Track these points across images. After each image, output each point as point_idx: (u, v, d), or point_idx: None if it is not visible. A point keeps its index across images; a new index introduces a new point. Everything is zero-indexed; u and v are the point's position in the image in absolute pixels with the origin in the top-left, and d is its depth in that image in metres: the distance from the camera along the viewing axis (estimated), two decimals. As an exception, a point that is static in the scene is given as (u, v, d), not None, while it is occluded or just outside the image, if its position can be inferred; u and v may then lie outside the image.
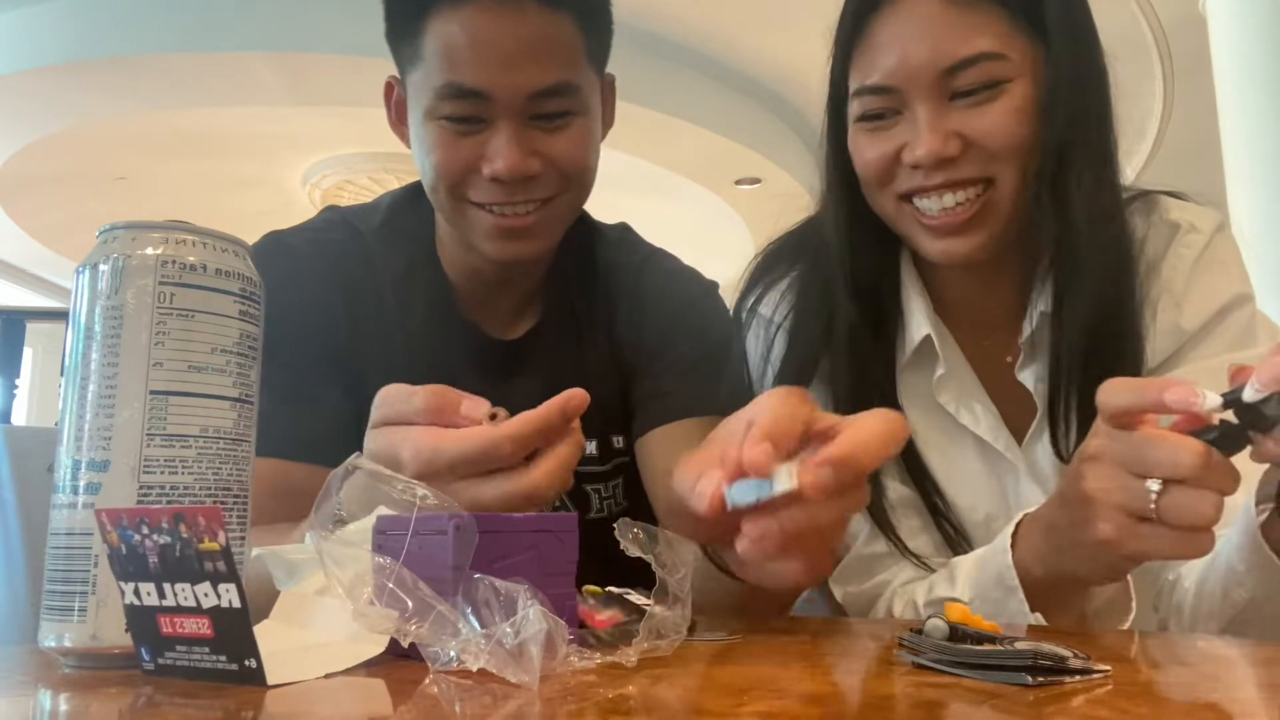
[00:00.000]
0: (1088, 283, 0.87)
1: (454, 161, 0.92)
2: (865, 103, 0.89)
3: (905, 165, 0.87)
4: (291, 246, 1.01)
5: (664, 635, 0.50)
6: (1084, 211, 0.86)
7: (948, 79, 0.85)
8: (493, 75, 0.89)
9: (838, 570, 0.95)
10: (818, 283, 0.97)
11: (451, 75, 0.90)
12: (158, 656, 0.44)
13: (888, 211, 0.92)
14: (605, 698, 0.41)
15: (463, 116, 0.91)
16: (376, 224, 1.04)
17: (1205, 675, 0.51)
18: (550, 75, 0.91)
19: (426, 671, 0.44)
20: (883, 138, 0.89)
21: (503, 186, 0.92)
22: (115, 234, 0.51)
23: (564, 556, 0.53)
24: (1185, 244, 0.92)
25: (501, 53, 0.89)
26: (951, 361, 0.95)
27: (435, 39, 0.90)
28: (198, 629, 0.43)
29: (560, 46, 0.91)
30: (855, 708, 0.41)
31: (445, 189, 0.94)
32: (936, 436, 0.95)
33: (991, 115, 0.85)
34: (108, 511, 0.44)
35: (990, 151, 0.86)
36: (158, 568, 0.43)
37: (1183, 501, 0.59)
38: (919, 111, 0.86)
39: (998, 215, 0.87)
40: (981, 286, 0.95)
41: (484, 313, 1.04)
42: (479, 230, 0.95)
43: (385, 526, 0.53)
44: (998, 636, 0.47)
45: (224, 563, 0.42)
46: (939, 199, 0.87)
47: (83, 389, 0.50)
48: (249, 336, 0.53)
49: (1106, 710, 0.40)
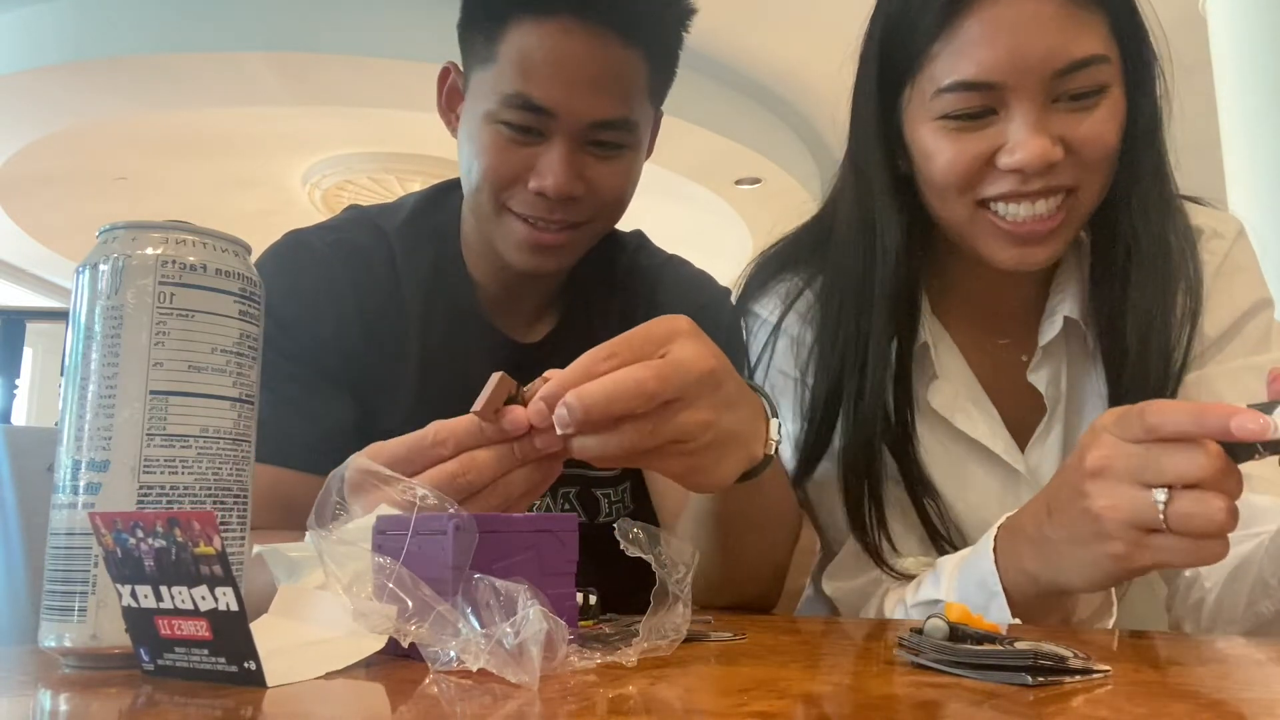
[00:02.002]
0: (1139, 291, 0.86)
1: (505, 168, 0.94)
2: (956, 100, 0.83)
3: (998, 168, 0.82)
4: (312, 247, 1.01)
5: (664, 635, 0.50)
6: (1146, 224, 0.86)
7: (1058, 80, 0.81)
8: (563, 96, 0.91)
9: (830, 566, 0.95)
10: (843, 293, 0.93)
11: (523, 86, 0.91)
12: (157, 658, 0.44)
13: (959, 217, 0.87)
14: (605, 698, 0.41)
15: (524, 126, 0.93)
16: (400, 222, 1.05)
17: (1205, 675, 0.51)
18: (616, 109, 0.93)
19: (426, 671, 0.44)
20: (974, 138, 0.83)
21: (545, 203, 0.94)
22: (115, 234, 0.51)
23: (564, 557, 0.53)
24: (1209, 250, 0.92)
25: (575, 76, 0.91)
26: (947, 365, 0.94)
27: (513, 46, 0.92)
28: (196, 631, 0.43)
29: (628, 81, 0.94)
30: (855, 708, 0.41)
31: (490, 192, 0.95)
32: (938, 437, 0.94)
33: (1093, 122, 0.82)
34: (101, 515, 0.44)
35: (1090, 159, 0.83)
36: (154, 571, 0.43)
37: (1193, 509, 0.57)
38: (1020, 112, 0.81)
39: (1076, 224, 0.86)
40: (1001, 286, 0.95)
41: (505, 314, 1.05)
42: (511, 239, 0.97)
43: (385, 526, 0.53)
44: (998, 636, 0.47)
45: (220, 566, 0.42)
46: (1030, 206, 0.83)
47: (83, 389, 0.50)
48: (249, 336, 0.53)
49: (1106, 710, 0.40)
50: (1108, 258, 0.89)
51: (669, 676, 0.46)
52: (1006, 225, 0.84)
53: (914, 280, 0.92)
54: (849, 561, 0.93)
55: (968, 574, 0.77)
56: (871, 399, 0.90)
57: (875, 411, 0.90)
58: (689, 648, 0.52)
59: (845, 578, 0.93)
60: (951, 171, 0.84)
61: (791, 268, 1.01)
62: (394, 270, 1.01)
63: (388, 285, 1.01)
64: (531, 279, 1.03)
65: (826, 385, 0.93)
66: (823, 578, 0.96)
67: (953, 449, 0.94)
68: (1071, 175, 0.83)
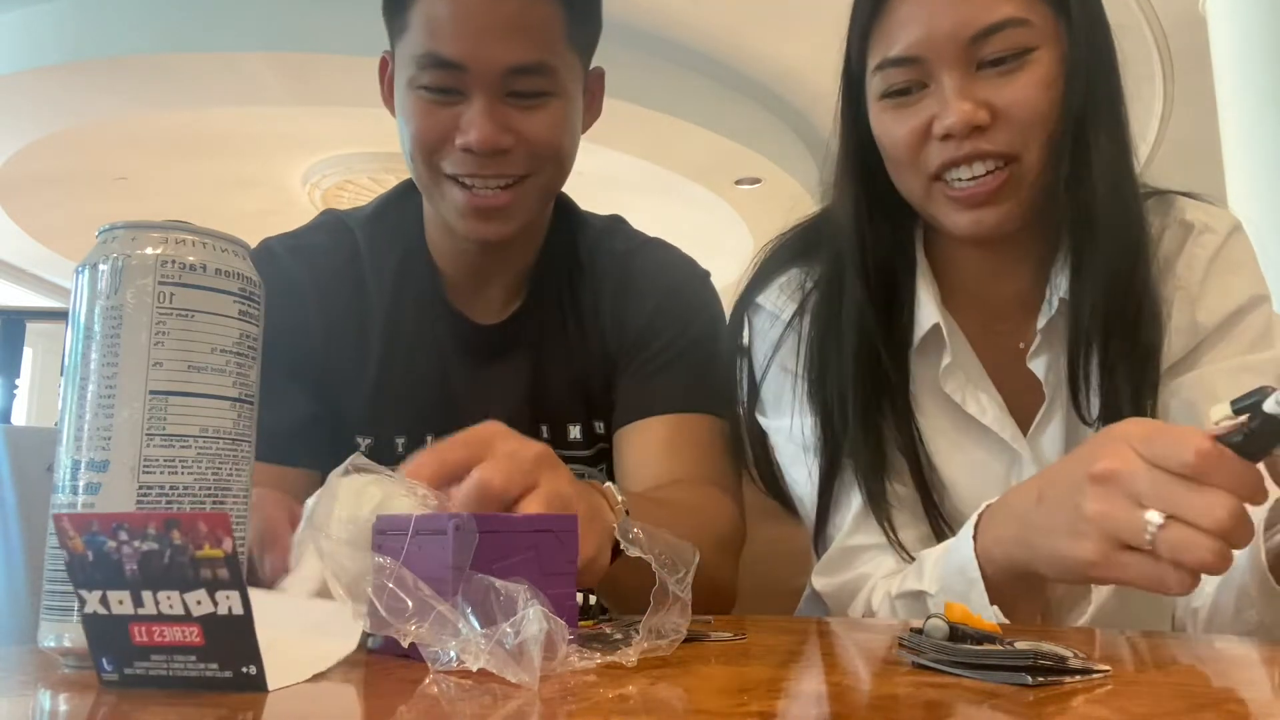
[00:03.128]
0: (1104, 251, 0.87)
1: (430, 130, 0.95)
2: (889, 77, 0.88)
3: (935, 138, 0.86)
4: (273, 253, 1.05)
5: (664, 635, 0.50)
6: (1102, 183, 0.86)
7: (974, 47, 0.85)
8: (470, 47, 0.91)
9: (820, 563, 0.95)
10: (836, 278, 0.96)
11: (431, 45, 0.92)
12: (125, 666, 0.43)
13: (916, 193, 0.91)
14: (605, 698, 0.41)
15: (441, 87, 0.94)
16: (365, 217, 1.08)
17: (1205, 675, 0.51)
18: (528, 53, 0.93)
19: (426, 671, 0.44)
20: (910, 113, 0.88)
21: (475, 159, 0.94)
22: (115, 234, 0.51)
23: (564, 557, 0.53)
24: (1200, 244, 0.92)
25: (480, 26, 0.91)
26: (958, 350, 0.95)
27: (420, 10, 0.93)
28: (184, 637, 0.42)
29: (540, 27, 0.94)
30: (855, 708, 0.41)
31: (421, 158, 0.97)
32: (944, 424, 0.95)
33: (1018, 85, 0.85)
34: (70, 517, 0.42)
35: (1018, 122, 0.85)
36: (135, 575, 0.41)
37: (1184, 541, 0.57)
38: (946, 81, 0.85)
39: (1023, 186, 0.87)
40: (998, 271, 0.96)
41: (470, 300, 1.06)
42: (453, 207, 0.97)
43: (385, 526, 0.53)
44: (998, 636, 0.47)
45: (226, 569, 0.41)
46: (969, 168, 0.86)
47: (82, 389, 0.50)
48: (249, 336, 0.53)
49: (1106, 710, 0.40)
50: (1076, 234, 0.89)
51: (669, 676, 0.46)
52: (954, 193, 0.87)
53: (888, 256, 0.95)
54: (838, 557, 0.94)
55: (949, 561, 0.78)
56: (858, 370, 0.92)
57: (869, 395, 0.92)
58: (689, 648, 0.52)
59: (835, 574, 0.94)
60: (898, 146, 0.89)
61: (797, 260, 1.02)
62: (358, 263, 1.05)
63: (351, 279, 1.04)
64: (494, 259, 1.04)
65: (826, 381, 0.94)
66: (812, 574, 0.96)
67: (956, 436, 0.95)
68: (1004, 140, 0.86)
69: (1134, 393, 0.88)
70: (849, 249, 0.94)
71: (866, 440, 0.92)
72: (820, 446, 0.95)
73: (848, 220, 0.95)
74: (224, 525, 0.41)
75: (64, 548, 0.42)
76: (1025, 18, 0.85)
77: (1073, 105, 0.86)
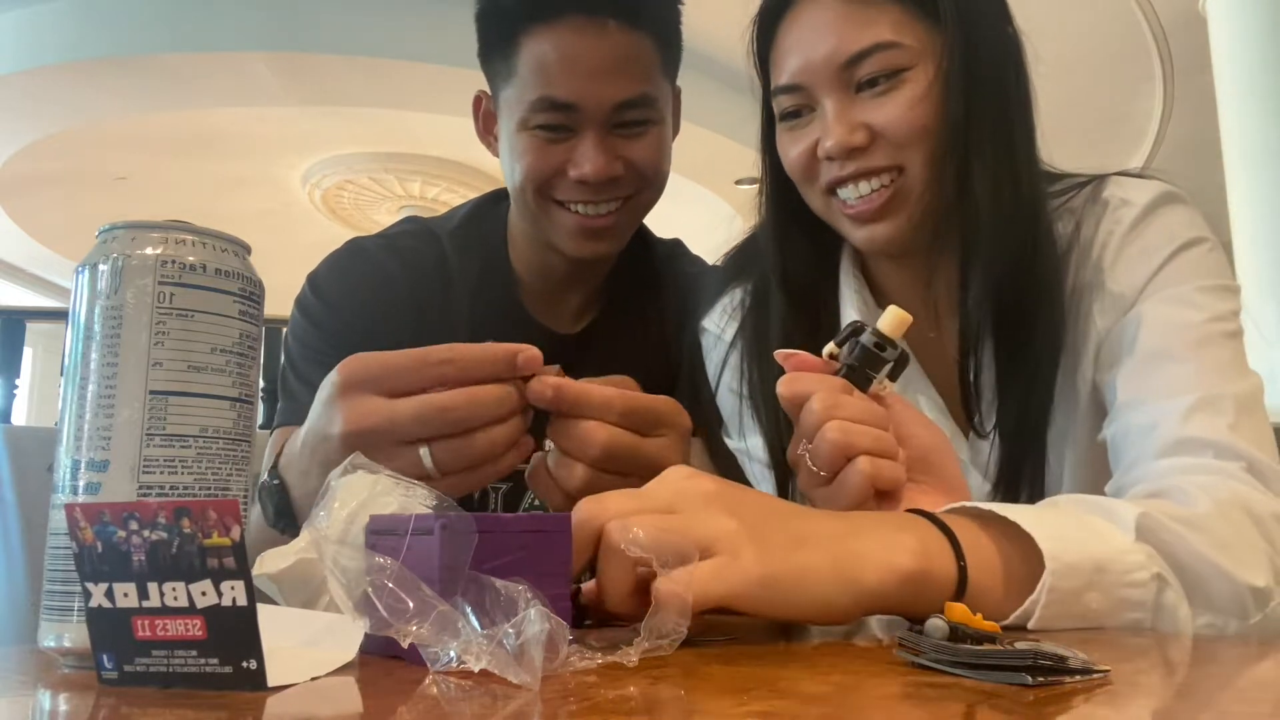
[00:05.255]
0: (988, 254, 0.88)
1: (543, 165, 1.02)
2: (781, 103, 0.94)
3: (821, 159, 0.91)
4: (367, 250, 1.12)
5: (664, 635, 0.50)
6: (986, 188, 0.87)
7: (848, 71, 0.89)
8: (581, 88, 0.99)
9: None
10: (764, 294, 1.00)
11: (545, 90, 1.00)
12: (125, 664, 0.42)
13: (818, 207, 0.95)
14: (606, 698, 0.41)
15: (554, 126, 1.01)
16: (453, 227, 1.15)
17: (1206, 675, 0.51)
18: (632, 88, 1.01)
19: (426, 671, 0.44)
20: (801, 135, 0.93)
21: (588, 187, 1.02)
22: (115, 234, 0.51)
23: (557, 557, 0.52)
24: (1114, 219, 0.90)
25: (589, 68, 0.99)
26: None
27: (529, 57, 1.00)
28: (186, 630, 0.41)
29: (640, 61, 1.02)
30: (855, 708, 0.41)
31: (533, 189, 1.03)
32: None
33: (893, 104, 0.88)
34: (83, 507, 0.42)
35: (896, 140, 0.88)
36: (142, 566, 0.41)
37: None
38: (826, 105, 0.90)
39: (910, 200, 0.90)
40: (915, 280, 0.97)
41: (549, 310, 1.14)
42: (562, 229, 1.05)
43: (378, 527, 0.53)
44: (998, 636, 0.47)
45: (233, 559, 0.40)
46: (855, 187, 0.90)
47: (82, 389, 0.50)
48: (249, 336, 0.53)
49: (1106, 710, 0.40)
50: (965, 240, 0.90)
51: (669, 676, 0.46)
52: (847, 210, 0.92)
53: (811, 270, 0.99)
54: None
55: None
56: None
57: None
58: (689, 648, 0.52)
59: None
60: (793, 166, 0.94)
61: (739, 278, 1.06)
62: (445, 269, 1.11)
63: (439, 282, 1.10)
64: (579, 272, 1.11)
65: (765, 397, 0.97)
66: None
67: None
68: (887, 156, 0.89)
69: (1026, 396, 0.88)
70: (772, 265, 0.99)
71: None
72: (771, 463, 0.96)
73: (767, 238, 1.00)
74: (234, 513, 0.40)
75: (74, 539, 0.42)
76: (896, 40, 0.88)
77: (952, 117, 0.87)
